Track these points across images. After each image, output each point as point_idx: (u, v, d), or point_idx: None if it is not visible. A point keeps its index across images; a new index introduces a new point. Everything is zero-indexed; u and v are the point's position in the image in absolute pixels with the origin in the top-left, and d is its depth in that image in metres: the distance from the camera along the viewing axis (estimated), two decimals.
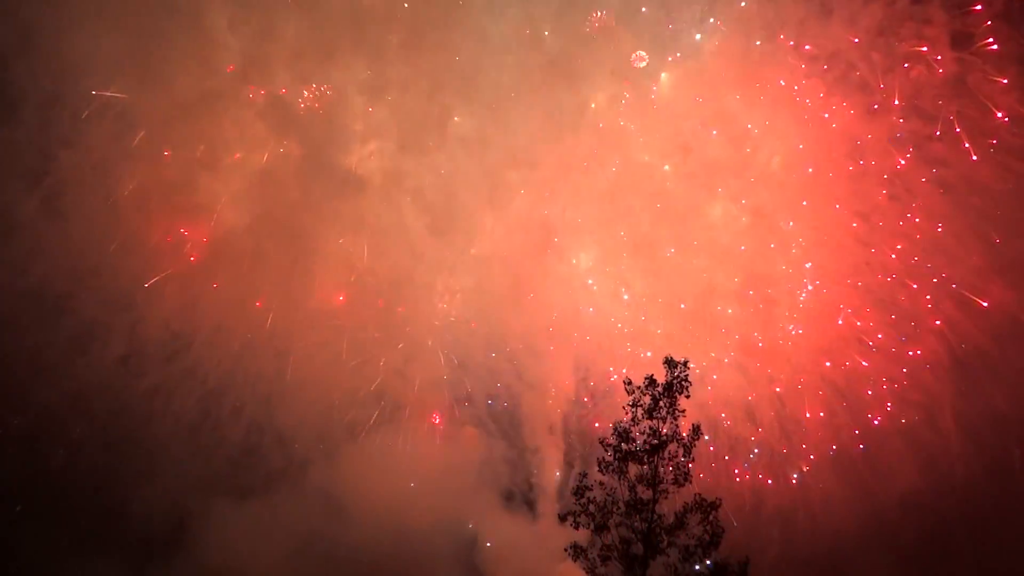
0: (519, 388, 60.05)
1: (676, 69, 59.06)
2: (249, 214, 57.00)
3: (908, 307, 55.78)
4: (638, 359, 57.64)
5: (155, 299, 55.83)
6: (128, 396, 55.83)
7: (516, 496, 58.81)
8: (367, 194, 58.12)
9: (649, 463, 31.51)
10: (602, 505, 31.70)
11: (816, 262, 57.68)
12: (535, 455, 59.21)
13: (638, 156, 59.09)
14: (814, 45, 55.63)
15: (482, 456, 58.99)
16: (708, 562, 30.34)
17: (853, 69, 54.96)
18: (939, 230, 54.87)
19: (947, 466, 53.17)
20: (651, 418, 31.58)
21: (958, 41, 52.58)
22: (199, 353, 57.20)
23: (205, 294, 57.16)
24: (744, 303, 58.30)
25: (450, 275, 60.29)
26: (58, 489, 53.74)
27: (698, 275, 58.80)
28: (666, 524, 31.04)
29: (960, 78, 52.93)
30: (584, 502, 31.87)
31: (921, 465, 53.88)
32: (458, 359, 60.13)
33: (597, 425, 58.46)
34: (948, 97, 53.46)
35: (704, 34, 57.93)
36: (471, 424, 60.19)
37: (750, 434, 57.63)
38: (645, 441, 31.61)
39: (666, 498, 31.35)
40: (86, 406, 54.57)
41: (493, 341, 60.34)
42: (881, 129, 55.28)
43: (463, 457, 58.88)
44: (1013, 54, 51.77)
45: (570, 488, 33.74)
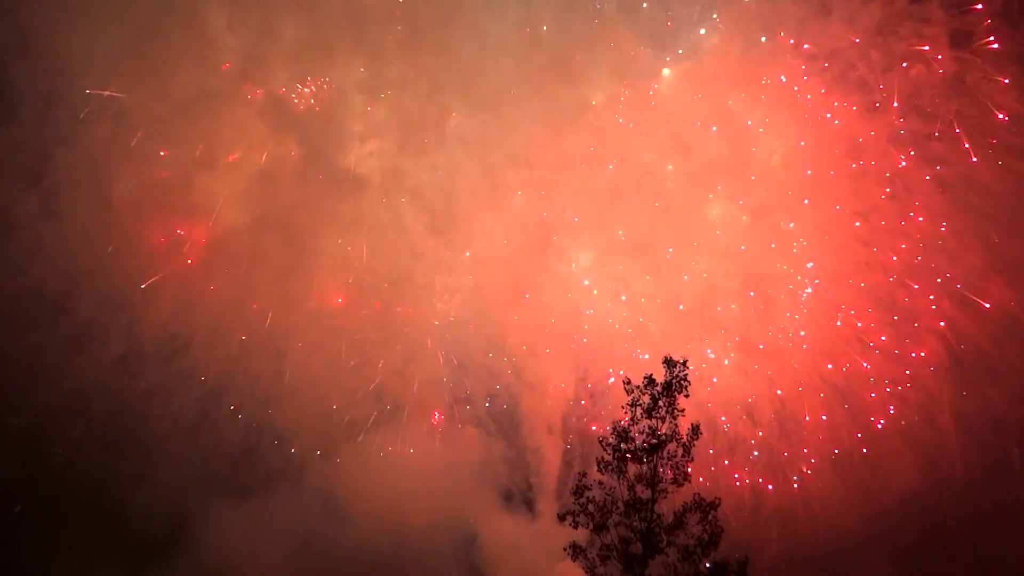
0: (518, 388, 60.05)
1: (675, 68, 59.15)
2: (248, 214, 57.02)
3: (910, 307, 55.55)
4: (637, 360, 57.61)
5: (153, 299, 55.83)
6: (126, 396, 55.68)
7: (515, 496, 58.79)
8: (366, 194, 58.24)
9: (648, 463, 31.49)
10: (601, 505, 31.65)
11: (817, 262, 57.46)
12: (534, 455, 59.15)
13: (637, 155, 58.99)
14: (814, 44, 55.62)
15: (481, 456, 58.93)
16: (707, 562, 30.31)
17: (853, 68, 54.91)
18: (943, 229, 54.67)
19: (947, 466, 53.13)
20: (650, 418, 31.59)
21: (957, 40, 52.61)
22: (198, 353, 57.19)
23: (203, 294, 57.15)
24: (744, 303, 58.08)
25: (449, 275, 60.38)
26: (57, 489, 53.65)
27: (697, 275, 58.72)
28: (665, 524, 31.01)
29: (960, 77, 52.94)
30: (583, 502, 31.82)
31: (921, 465, 53.86)
32: (457, 359, 60.22)
33: (594, 428, 58.34)
34: (948, 96, 53.44)
35: (703, 33, 58.02)
36: (470, 424, 60.23)
37: (750, 437, 57.41)
38: (644, 441, 31.60)
39: (665, 498, 31.34)
40: (85, 406, 54.43)
41: (492, 341, 60.34)
42: (881, 128, 55.20)
43: (462, 457, 58.81)
44: (1012, 53, 51.76)
45: (569, 488, 33.65)
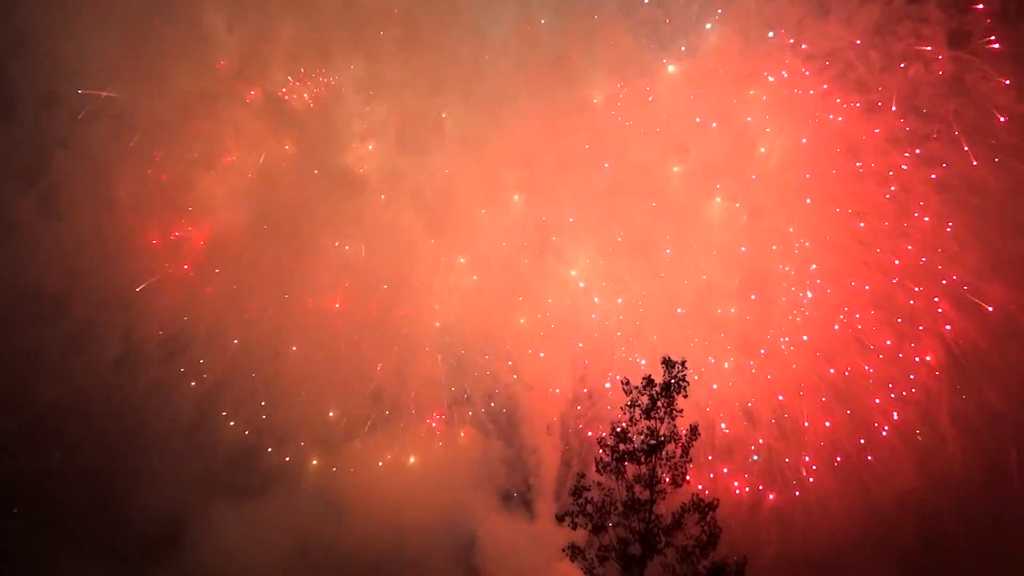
0: (517, 389, 59.92)
1: (674, 67, 59.03)
2: (246, 214, 57.02)
3: (912, 309, 55.33)
4: (635, 362, 57.41)
5: (152, 300, 55.92)
6: (125, 397, 55.63)
7: (514, 497, 58.77)
8: (364, 194, 58.12)
9: (647, 463, 31.48)
10: (600, 506, 31.66)
11: (818, 263, 57.30)
12: (533, 455, 59.16)
13: (636, 155, 58.88)
14: (813, 44, 55.61)
15: (480, 457, 58.96)
16: (706, 563, 30.30)
17: (852, 68, 54.91)
18: (948, 230, 54.49)
19: (945, 466, 53.07)
20: (649, 418, 31.57)
21: (956, 40, 52.67)
22: (196, 354, 57.28)
23: (201, 295, 57.26)
24: (744, 306, 57.79)
25: (447, 276, 60.27)
26: (55, 489, 53.65)
27: (696, 276, 58.55)
28: (664, 524, 31.01)
29: (958, 77, 52.94)
30: (582, 502, 31.82)
31: (919, 465, 53.80)
32: (456, 360, 60.17)
33: (590, 434, 58.42)
34: (947, 96, 53.43)
35: (702, 32, 57.89)
36: (469, 425, 60.25)
37: (750, 442, 57.11)
38: (643, 441, 31.59)
39: (663, 499, 31.33)
40: (83, 406, 54.34)
41: (491, 342, 60.28)
42: (880, 129, 55.20)
43: (461, 458, 58.86)
44: (1011, 53, 51.78)
45: (568, 488, 33.60)
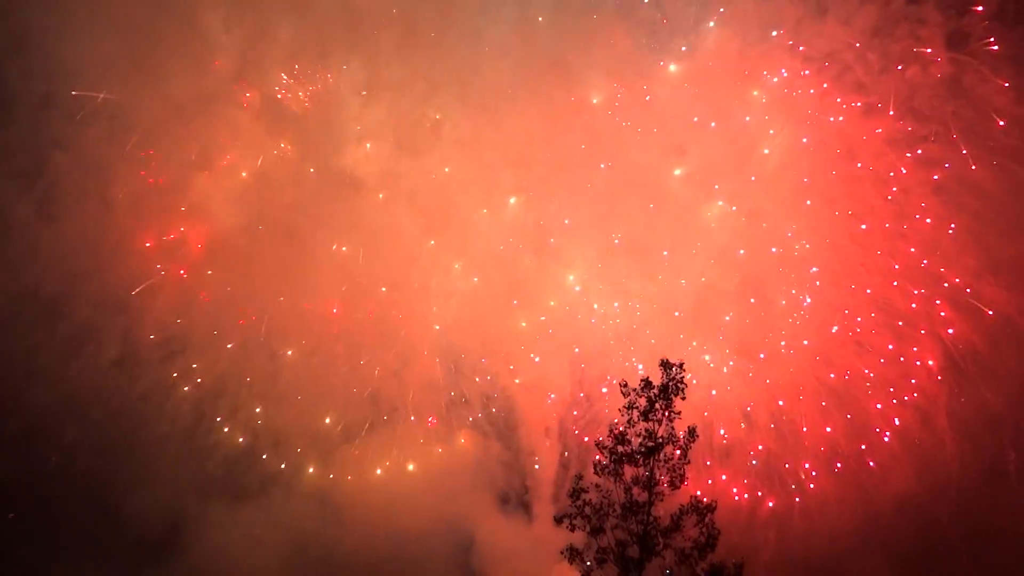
0: (515, 391, 59.85)
1: (672, 68, 58.95)
2: (244, 216, 56.81)
3: (913, 313, 55.01)
4: (633, 367, 57.16)
5: (149, 302, 55.81)
6: (122, 399, 55.62)
7: (512, 499, 58.74)
8: (362, 196, 58.02)
9: (645, 465, 31.46)
10: (598, 508, 31.66)
11: (818, 265, 57.05)
12: (531, 457, 59.16)
13: (634, 156, 58.78)
14: (811, 45, 55.54)
15: (477, 459, 58.90)
16: (704, 565, 30.27)
17: (850, 69, 54.81)
18: (949, 232, 54.13)
19: (944, 469, 52.99)
20: (647, 420, 31.55)
21: (953, 42, 52.63)
22: (194, 356, 57.12)
23: (199, 297, 57.16)
24: (743, 309, 57.41)
25: (445, 278, 60.17)
26: (52, 492, 53.67)
27: (695, 279, 58.33)
28: (662, 526, 31.01)
29: (956, 79, 52.91)
30: (580, 504, 31.85)
31: (917, 468, 53.71)
32: (453, 362, 60.06)
33: (586, 440, 58.28)
34: (945, 98, 53.39)
35: (700, 33, 57.83)
36: (466, 427, 60.14)
37: (749, 447, 56.72)
38: (641, 443, 31.57)
39: (662, 500, 31.31)
40: (80, 409, 54.28)
41: (489, 344, 60.17)
42: (879, 130, 55.16)
43: (458, 460, 58.80)
44: (1008, 55, 51.77)
45: (566, 491, 33.58)
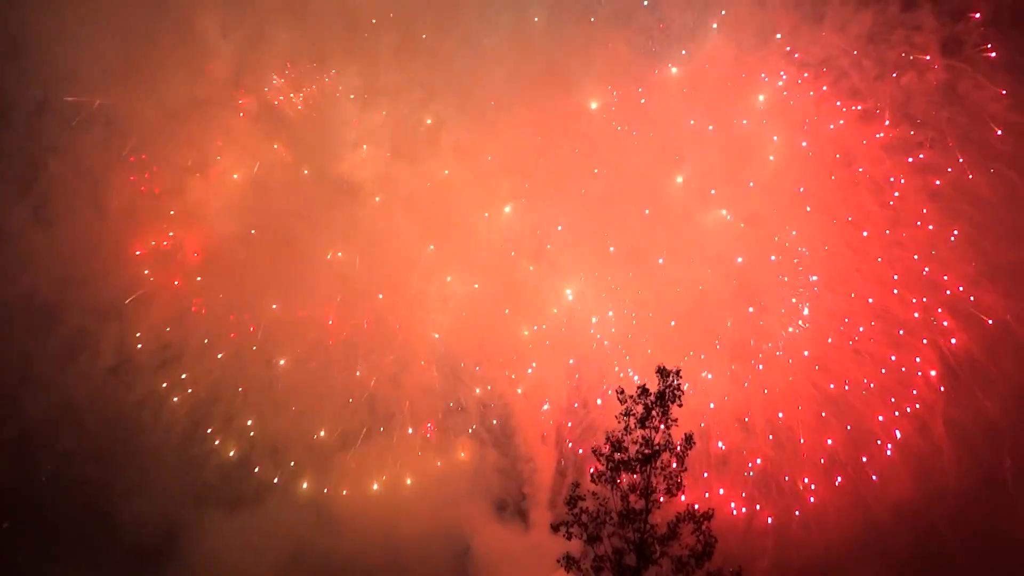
0: (511, 398, 59.74)
1: (670, 74, 59.01)
2: (241, 222, 56.82)
3: (914, 322, 54.72)
4: (628, 377, 56.98)
5: (145, 309, 55.72)
6: (118, 407, 55.40)
7: (508, 506, 58.60)
8: (359, 202, 57.96)
9: (642, 473, 31.41)
10: (595, 515, 31.61)
11: (817, 273, 56.82)
12: (527, 465, 59.02)
13: (630, 162, 58.79)
14: (807, 52, 55.65)
15: (474, 466, 58.82)
16: (701, 573, 30.22)
17: (847, 75, 54.93)
18: (952, 239, 54.00)
19: (941, 476, 52.87)
20: (644, 427, 31.52)
21: (949, 48, 52.80)
22: (189, 364, 57.02)
23: (195, 304, 57.07)
24: (740, 318, 57.14)
25: (442, 284, 60.12)
26: (47, 500, 53.59)
27: (692, 286, 58.04)
28: (659, 534, 30.96)
29: (952, 86, 53.04)
30: (577, 512, 31.81)
31: (916, 476, 53.55)
32: (450, 369, 59.95)
33: (580, 452, 58.15)
34: (942, 104, 53.53)
35: (698, 38, 57.98)
36: (463, 434, 60.02)
37: (748, 459, 56.39)
38: (638, 451, 31.52)
39: (659, 508, 31.26)
40: (76, 416, 54.06)
41: (486, 350, 60.08)
42: (877, 136, 55.21)
43: (455, 467, 58.74)
44: (1003, 62, 51.93)
45: (563, 498, 33.50)
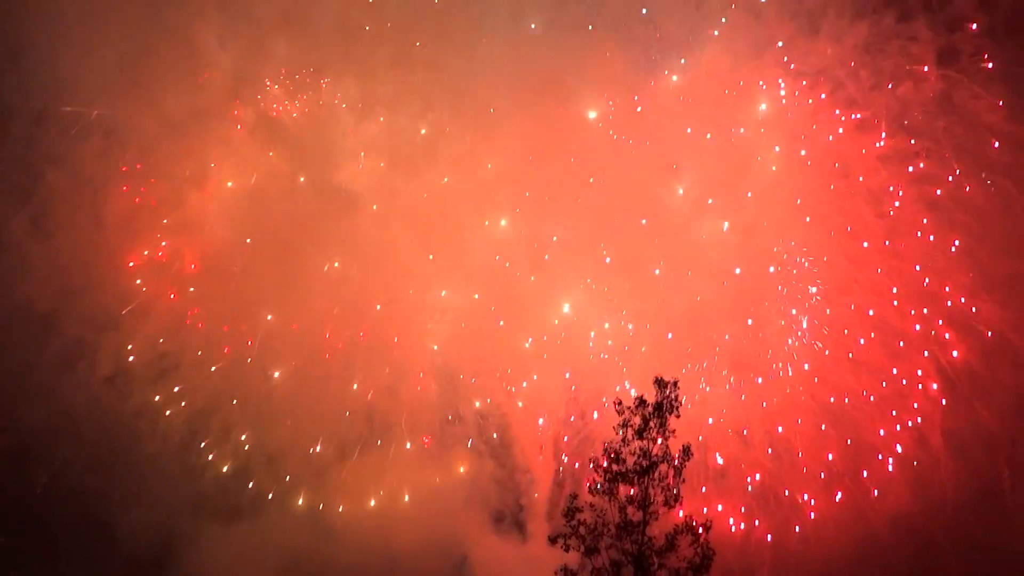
0: (509, 409, 59.69)
1: (668, 84, 59.19)
2: (237, 233, 56.97)
3: (914, 334, 54.53)
4: (625, 390, 56.84)
5: (142, 319, 55.72)
6: (115, 417, 55.29)
7: (506, 517, 58.36)
8: (357, 212, 58.02)
9: (640, 484, 31.36)
10: (592, 527, 31.53)
11: (816, 285, 56.76)
12: (525, 476, 58.89)
13: (627, 172, 58.86)
14: (804, 62, 55.83)
15: (472, 477, 58.67)
16: None
17: (843, 86, 55.11)
18: (953, 249, 53.92)
19: (939, 488, 52.73)
20: (641, 439, 31.48)
21: (944, 59, 53.00)
22: (186, 375, 56.94)
23: (193, 315, 57.04)
24: (739, 329, 56.99)
25: (440, 295, 60.12)
26: (44, 510, 53.32)
27: (689, 297, 57.91)
28: (657, 546, 30.89)
29: (948, 96, 53.18)
30: (574, 524, 31.70)
31: (914, 488, 53.37)
32: (448, 380, 59.87)
33: (577, 466, 57.91)
34: (937, 114, 53.68)
35: (693, 50, 58.11)
36: (461, 445, 59.90)
37: (746, 475, 56.04)
38: (636, 462, 31.48)
39: (656, 520, 31.20)
40: (72, 426, 53.96)
41: (483, 362, 60.03)
42: (874, 147, 55.33)
43: (452, 478, 58.62)
44: (999, 72, 52.11)
45: (560, 510, 33.42)
